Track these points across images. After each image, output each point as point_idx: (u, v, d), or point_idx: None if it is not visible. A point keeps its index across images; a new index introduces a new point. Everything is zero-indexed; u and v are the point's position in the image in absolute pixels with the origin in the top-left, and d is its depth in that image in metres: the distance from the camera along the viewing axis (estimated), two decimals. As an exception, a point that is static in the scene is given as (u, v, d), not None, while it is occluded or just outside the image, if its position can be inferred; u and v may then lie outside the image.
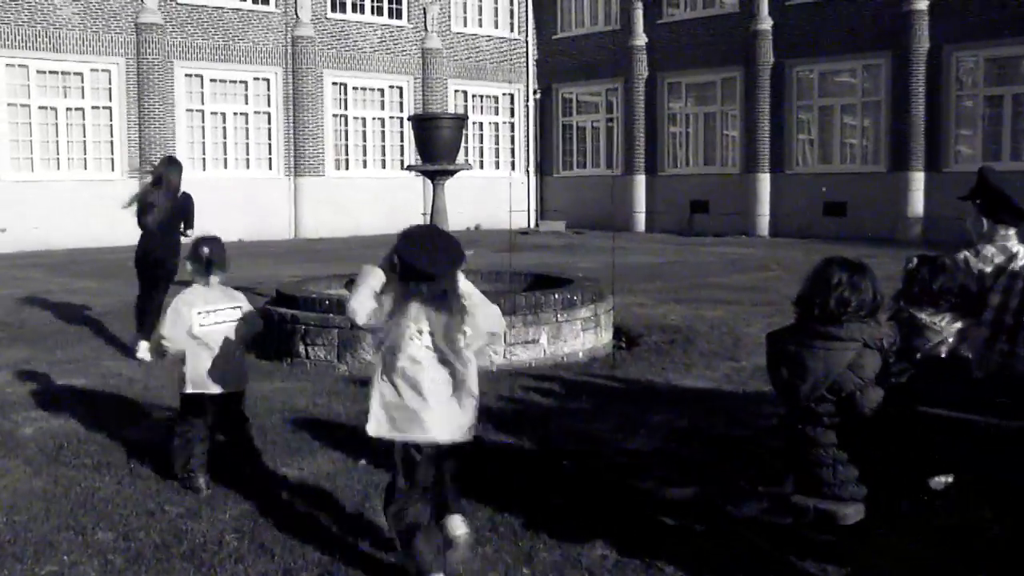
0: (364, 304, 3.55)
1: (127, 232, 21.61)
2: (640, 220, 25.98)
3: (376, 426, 3.56)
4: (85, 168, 21.28)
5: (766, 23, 23.09)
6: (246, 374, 5.08)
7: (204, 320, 4.82)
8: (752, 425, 5.84)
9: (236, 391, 4.95)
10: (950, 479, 3.88)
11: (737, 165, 24.27)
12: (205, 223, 9.56)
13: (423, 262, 3.38)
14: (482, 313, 3.50)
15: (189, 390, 4.84)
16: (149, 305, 8.29)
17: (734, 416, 6.08)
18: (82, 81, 21.13)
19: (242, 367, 5.00)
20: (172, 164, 8.58)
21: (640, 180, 25.99)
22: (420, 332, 3.47)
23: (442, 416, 3.49)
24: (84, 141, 21.24)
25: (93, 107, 21.28)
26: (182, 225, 8.49)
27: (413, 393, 3.48)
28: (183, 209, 8.49)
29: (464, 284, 3.49)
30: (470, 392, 3.56)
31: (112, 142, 21.53)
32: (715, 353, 8.16)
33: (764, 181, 23.41)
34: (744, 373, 7.33)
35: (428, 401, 3.47)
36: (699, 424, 5.89)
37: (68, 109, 21.03)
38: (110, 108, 21.46)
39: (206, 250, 4.94)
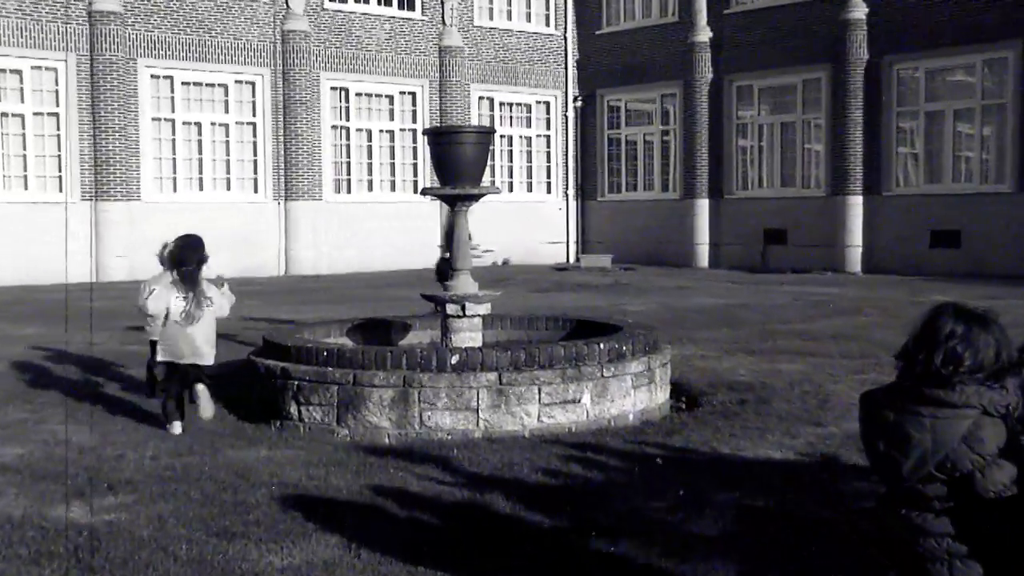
0: (143, 290, 7.98)
1: (80, 266, 21.91)
2: (703, 254, 26.01)
3: (160, 355, 7.81)
4: (26, 188, 21.58)
5: (859, 11, 23.16)
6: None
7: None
8: (844, 506, 5.80)
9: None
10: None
11: (822, 186, 24.27)
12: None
13: (174, 255, 7.72)
14: (225, 293, 7.99)
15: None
16: None
17: (821, 494, 6.04)
18: (21, 81, 21.45)
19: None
20: None
21: (703, 205, 26.06)
22: (178, 298, 7.62)
23: (192, 347, 7.67)
24: (24, 155, 21.53)
25: (35, 113, 21.63)
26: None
27: (179, 334, 7.64)
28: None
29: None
30: (209, 334, 7.79)
31: (60, 157, 21.81)
32: (796, 416, 8.13)
33: (856, 205, 23.37)
34: (832, 441, 7.29)
35: (186, 339, 7.64)
36: (777, 503, 5.86)
37: (4, 115, 21.37)
38: (57, 115, 21.80)
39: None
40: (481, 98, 27.46)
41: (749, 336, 12.79)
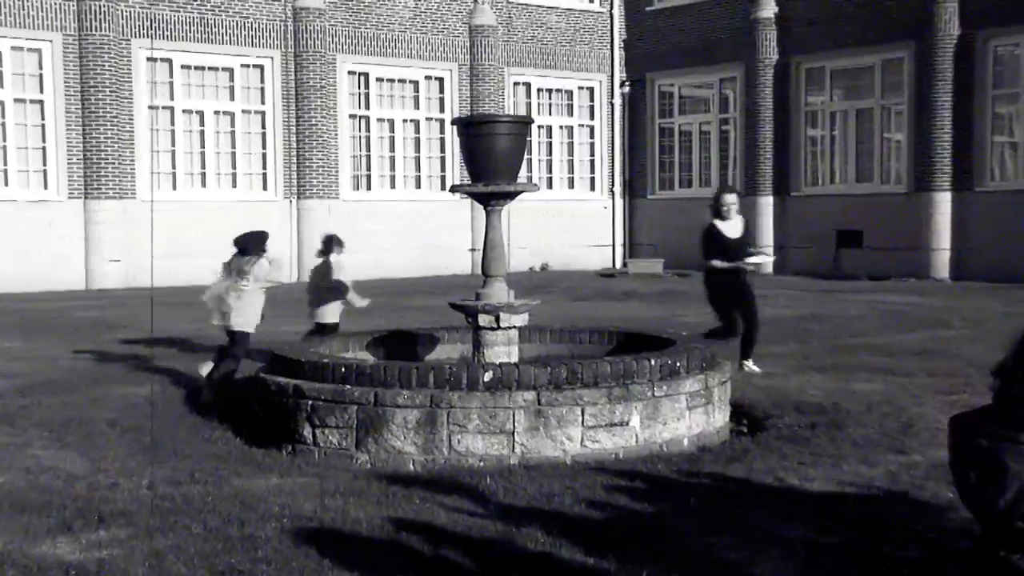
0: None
1: (71, 272, 22.09)
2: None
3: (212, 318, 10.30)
4: (6, 185, 21.77)
5: (949, -21, 22.93)
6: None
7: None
8: (932, 545, 5.75)
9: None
10: None
11: (904, 181, 24.11)
12: (182, 262, 9.91)
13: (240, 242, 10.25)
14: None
15: None
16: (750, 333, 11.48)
17: (905, 532, 5.99)
18: (0, 64, 21.62)
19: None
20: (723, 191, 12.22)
21: (766, 203, 25.97)
22: (234, 274, 10.04)
23: (235, 317, 10.01)
24: (4, 147, 21.71)
25: (17, 100, 21.82)
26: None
27: (231, 303, 10.02)
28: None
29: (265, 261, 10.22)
30: (248, 309, 10.07)
31: (44, 148, 21.99)
32: (874, 442, 8.08)
33: (943, 202, 23.20)
34: (917, 471, 7.23)
35: (232, 309, 10.01)
36: (853, 542, 5.82)
37: (-20, 103, 21.52)
38: (41, 102, 21.97)
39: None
40: (517, 83, 27.51)
41: (820, 351, 12.74)
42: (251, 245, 10.17)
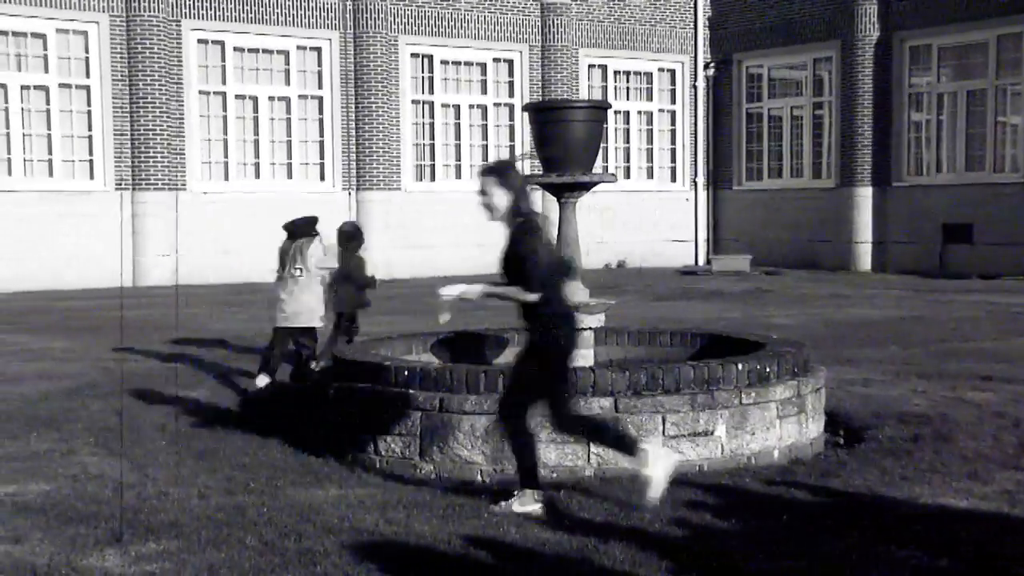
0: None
1: (118, 268, 22.33)
2: (865, 255, 25.69)
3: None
4: (51, 175, 22.11)
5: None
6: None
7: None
8: (1048, 569, 5.69)
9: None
10: None
11: (1021, 170, 23.81)
12: (234, 258, 10.06)
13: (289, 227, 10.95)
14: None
15: None
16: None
17: (1022, 555, 5.93)
18: (45, 47, 21.99)
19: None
20: None
21: (865, 195, 25.74)
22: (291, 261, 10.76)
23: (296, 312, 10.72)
24: (48, 135, 22.04)
25: (62, 85, 22.18)
26: None
27: (283, 297, 10.76)
28: None
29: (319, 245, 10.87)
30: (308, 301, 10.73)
31: (91, 137, 22.30)
32: (986, 457, 7.97)
33: (1065, 194, 22.85)
34: (1036, 489, 7.15)
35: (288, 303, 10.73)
36: (965, 565, 5.76)
37: (24, 88, 21.87)
38: (87, 87, 22.30)
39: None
40: (592, 66, 27.47)
41: (924, 356, 12.60)
42: (299, 229, 10.74)
